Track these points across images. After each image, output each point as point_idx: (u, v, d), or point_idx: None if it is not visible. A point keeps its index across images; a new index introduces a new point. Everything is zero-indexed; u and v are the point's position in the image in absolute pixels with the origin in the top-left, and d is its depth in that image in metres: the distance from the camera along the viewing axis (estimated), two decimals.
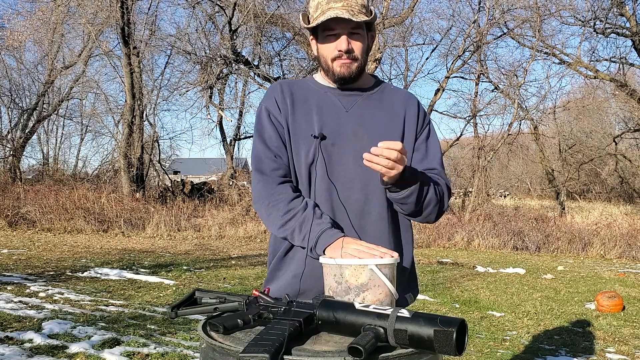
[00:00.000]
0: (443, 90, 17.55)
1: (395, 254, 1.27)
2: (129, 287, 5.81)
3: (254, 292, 1.26)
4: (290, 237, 1.45)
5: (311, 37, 1.57)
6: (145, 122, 16.78)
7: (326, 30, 1.49)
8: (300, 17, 1.55)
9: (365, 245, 1.31)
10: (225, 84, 18.27)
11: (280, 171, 1.50)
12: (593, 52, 18.06)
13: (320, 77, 1.61)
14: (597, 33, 16.72)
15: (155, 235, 11.48)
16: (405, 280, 1.55)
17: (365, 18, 1.46)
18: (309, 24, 1.52)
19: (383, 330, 1.04)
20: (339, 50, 1.48)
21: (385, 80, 1.72)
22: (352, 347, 0.99)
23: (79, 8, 14.97)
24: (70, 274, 6.43)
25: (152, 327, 4.18)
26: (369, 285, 1.21)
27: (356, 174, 1.49)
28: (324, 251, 1.35)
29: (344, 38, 1.47)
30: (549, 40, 17.20)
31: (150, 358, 3.43)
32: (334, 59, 1.50)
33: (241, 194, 15.24)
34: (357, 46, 1.49)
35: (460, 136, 19.72)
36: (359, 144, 1.49)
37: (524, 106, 17.55)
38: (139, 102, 15.32)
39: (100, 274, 6.46)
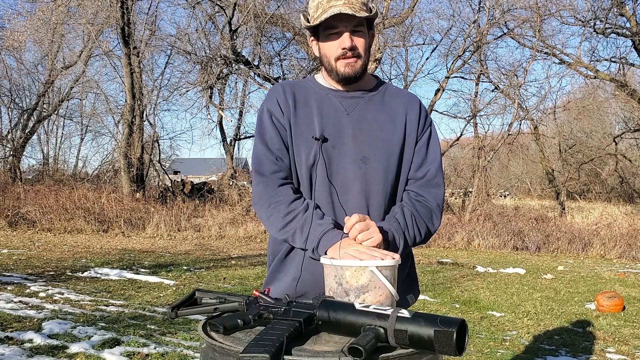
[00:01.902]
0: (443, 90, 17.55)
1: (397, 256, 1.27)
2: (129, 287, 5.81)
3: (254, 292, 1.26)
4: (291, 239, 1.43)
5: (311, 38, 1.54)
6: (145, 122, 16.79)
7: (328, 29, 1.47)
8: (301, 18, 1.53)
9: (366, 246, 1.31)
10: (225, 84, 18.30)
11: (280, 173, 1.49)
12: (593, 52, 18.09)
13: (321, 78, 1.59)
14: (597, 33, 16.72)
15: (155, 235, 11.48)
16: (406, 281, 1.55)
17: (367, 14, 1.45)
18: (310, 23, 1.50)
19: (383, 331, 1.04)
20: (343, 48, 1.46)
21: (386, 80, 1.71)
22: (352, 347, 0.99)
23: (79, 8, 14.97)
24: (70, 274, 6.43)
25: (152, 327, 4.18)
26: (370, 287, 1.21)
27: (355, 176, 1.48)
28: (325, 252, 1.35)
29: (346, 35, 1.45)
30: (549, 40, 17.20)
31: (150, 358, 3.43)
32: (337, 58, 1.48)
33: (241, 194, 15.24)
34: (360, 43, 1.48)
35: (460, 136, 19.73)
36: (359, 147, 1.48)
37: (524, 106, 17.55)
38: (139, 102, 15.31)
39: (100, 274, 6.46)
